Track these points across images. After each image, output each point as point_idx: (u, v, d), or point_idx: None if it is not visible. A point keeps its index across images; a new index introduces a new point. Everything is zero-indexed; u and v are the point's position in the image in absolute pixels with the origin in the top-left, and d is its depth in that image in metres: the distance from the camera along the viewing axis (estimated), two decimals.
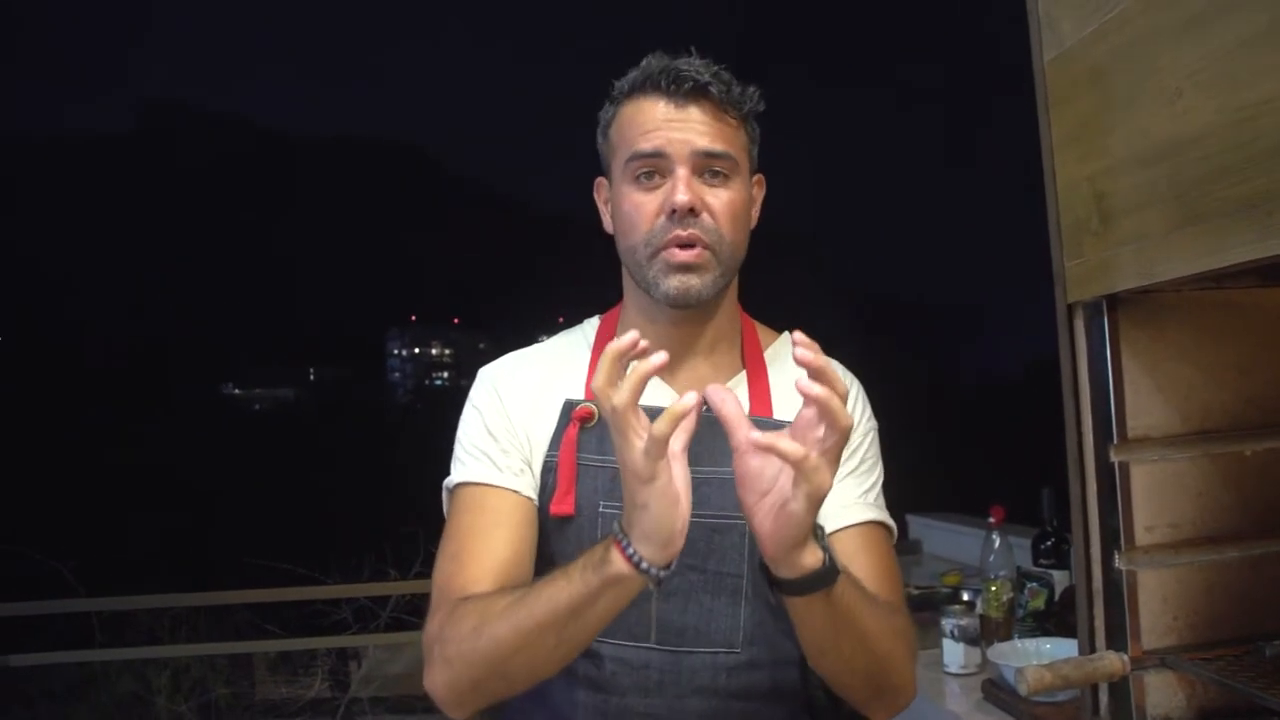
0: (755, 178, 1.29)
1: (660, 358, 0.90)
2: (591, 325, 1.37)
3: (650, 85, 1.21)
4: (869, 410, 1.37)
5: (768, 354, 1.34)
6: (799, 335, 0.90)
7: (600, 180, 1.32)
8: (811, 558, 0.97)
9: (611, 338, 1.31)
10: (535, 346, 1.37)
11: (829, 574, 0.99)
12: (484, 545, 1.17)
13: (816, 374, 0.87)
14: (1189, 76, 1.02)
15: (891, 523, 1.31)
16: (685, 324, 1.27)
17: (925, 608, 2.28)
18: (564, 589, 1.01)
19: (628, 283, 1.31)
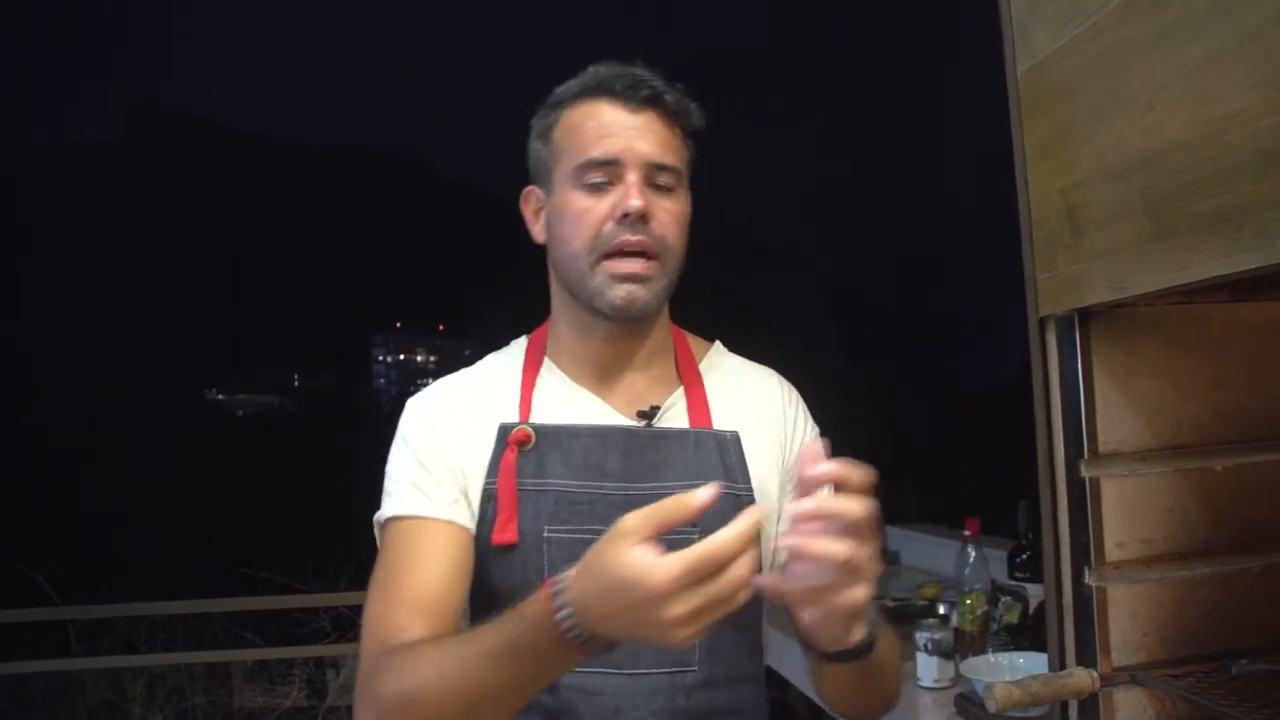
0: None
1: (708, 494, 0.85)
2: (520, 345, 1.33)
3: (604, 89, 1.20)
4: (810, 420, 1.36)
5: (702, 365, 1.33)
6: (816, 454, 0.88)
7: (530, 189, 1.29)
8: (857, 633, 0.99)
9: (541, 356, 1.29)
10: (463, 372, 1.33)
11: (871, 644, 1.00)
12: (414, 581, 1.12)
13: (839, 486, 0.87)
14: (1159, 90, 1.01)
15: None
16: (621, 339, 1.25)
17: (901, 620, 2.27)
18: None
19: (560, 298, 1.28)
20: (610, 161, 1.17)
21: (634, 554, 0.82)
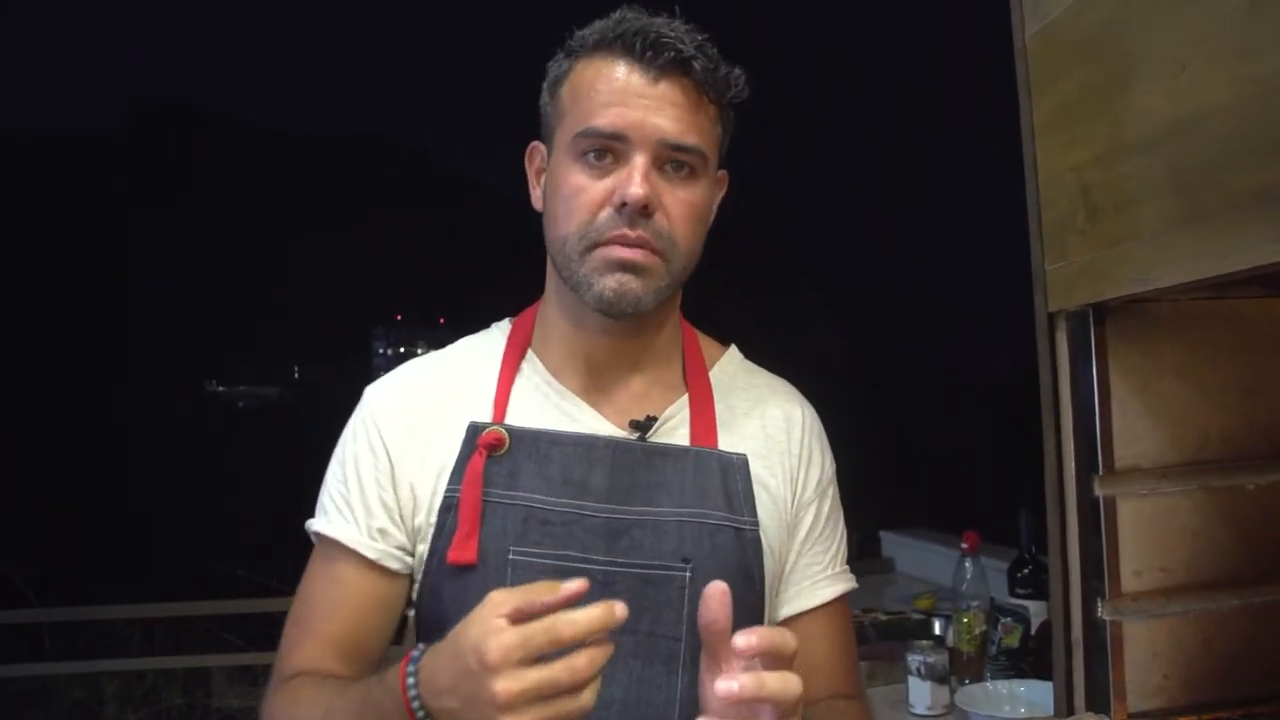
0: (719, 172, 1.10)
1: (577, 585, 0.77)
2: (502, 330, 1.16)
3: (621, 46, 1.00)
4: (829, 453, 1.17)
5: (714, 373, 1.15)
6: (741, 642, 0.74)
7: (536, 145, 1.10)
8: None
9: (526, 344, 1.12)
10: (436, 355, 1.17)
11: None
12: (333, 618, 1.03)
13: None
14: (1195, 45, 0.87)
15: (854, 583, 1.13)
16: (619, 334, 1.07)
17: (892, 637, 2.12)
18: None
19: (553, 278, 1.09)
20: (615, 136, 0.99)
21: (484, 620, 0.77)
